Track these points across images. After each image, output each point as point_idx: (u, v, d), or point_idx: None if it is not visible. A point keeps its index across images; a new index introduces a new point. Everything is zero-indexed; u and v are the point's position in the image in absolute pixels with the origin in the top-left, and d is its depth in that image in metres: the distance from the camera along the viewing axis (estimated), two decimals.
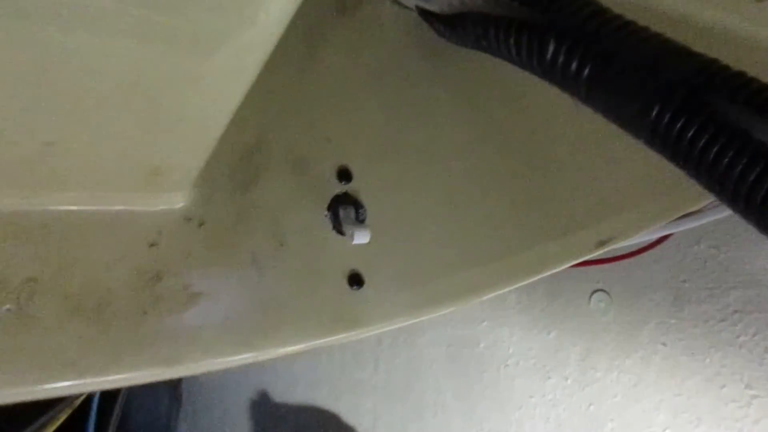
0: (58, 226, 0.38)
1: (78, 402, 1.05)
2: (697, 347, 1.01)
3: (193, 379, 2.19)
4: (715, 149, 0.32)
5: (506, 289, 0.53)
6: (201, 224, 0.43)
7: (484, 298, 0.53)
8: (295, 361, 1.86)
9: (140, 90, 0.30)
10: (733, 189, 0.31)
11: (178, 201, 0.42)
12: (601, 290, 1.13)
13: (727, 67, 0.34)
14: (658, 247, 1.01)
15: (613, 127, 0.39)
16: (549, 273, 0.54)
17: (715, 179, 0.32)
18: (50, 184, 0.36)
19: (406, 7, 0.52)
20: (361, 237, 0.45)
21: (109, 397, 1.50)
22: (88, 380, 0.38)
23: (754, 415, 0.94)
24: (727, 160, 0.31)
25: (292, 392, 1.89)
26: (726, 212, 0.80)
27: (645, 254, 1.01)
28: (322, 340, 0.46)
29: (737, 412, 0.96)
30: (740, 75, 0.33)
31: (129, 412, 2.02)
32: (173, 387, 2.18)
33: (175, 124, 0.33)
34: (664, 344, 1.05)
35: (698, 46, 0.37)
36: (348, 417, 1.70)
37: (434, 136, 0.53)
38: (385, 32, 0.53)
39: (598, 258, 0.96)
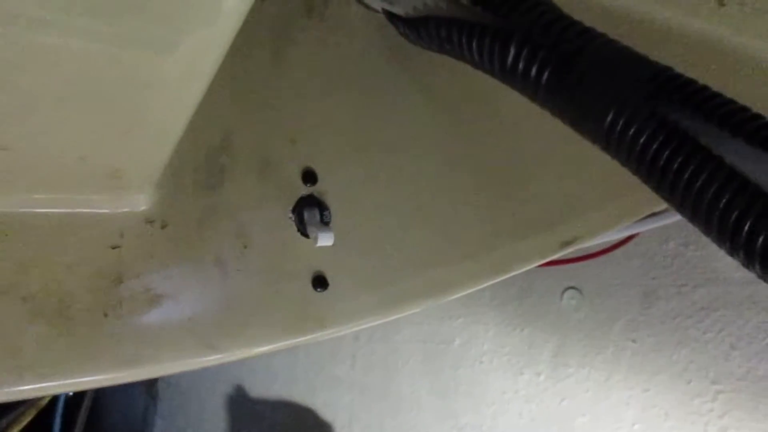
0: (17, 228, 0.38)
1: (43, 403, 1.04)
2: (666, 344, 1.03)
3: (170, 376, 2.17)
4: (664, 156, 0.32)
5: (472, 290, 0.53)
6: (164, 226, 0.43)
7: (451, 298, 0.53)
8: (272, 357, 1.85)
9: (96, 92, 0.29)
10: (681, 195, 0.32)
11: (140, 203, 0.42)
12: (573, 288, 1.15)
13: (679, 75, 0.35)
14: (629, 246, 1.03)
15: None
16: (514, 273, 0.55)
17: (665, 185, 0.33)
18: (7, 186, 0.36)
19: (373, 10, 0.52)
20: (325, 239, 0.45)
21: (76, 397, 1.48)
22: (48, 383, 0.37)
23: (719, 409, 0.96)
24: (676, 166, 0.32)
25: (269, 388, 1.89)
26: None
27: (616, 252, 1.03)
28: (287, 342, 0.46)
29: (703, 406, 0.98)
30: (691, 83, 0.34)
31: (103, 410, 2.00)
32: (149, 384, 2.16)
33: (132, 125, 0.33)
34: (633, 341, 1.06)
35: (660, 48, 0.38)
36: (325, 413, 1.70)
37: (401, 137, 0.54)
38: (352, 34, 0.53)
39: (569, 257, 0.97)
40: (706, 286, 0.99)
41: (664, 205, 0.68)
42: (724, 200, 0.29)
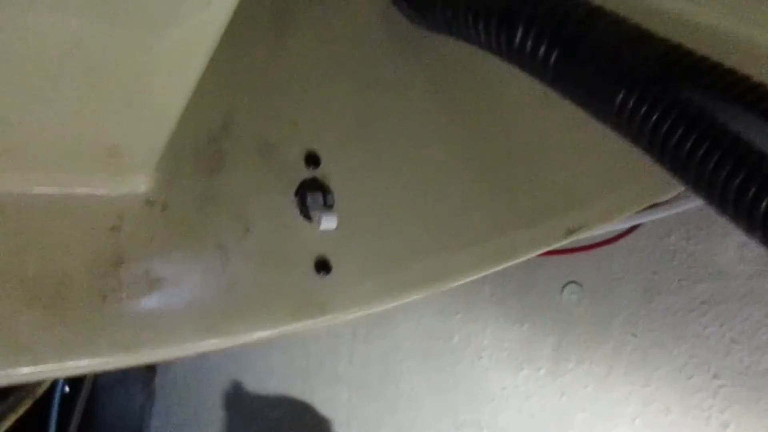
0: (14, 208, 0.37)
1: (40, 392, 1.03)
2: (666, 338, 1.02)
3: (167, 372, 2.16)
4: (678, 133, 0.32)
5: (476, 276, 0.53)
6: (164, 208, 0.42)
7: (454, 284, 0.53)
8: (270, 353, 1.85)
9: (92, 66, 0.29)
10: (696, 173, 0.31)
11: (140, 184, 0.41)
12: (574, 282, 1.14)
13: (690, 53, 0.34)
14: (630, 239, 1.03)
15: (584, 117, 0.39)
16: (519, 260, 0.54)
17: (678, 163, 0.32)
18: (3, 165, 0.35)
19: None
20: (328, 223, 0.45)
21: (72, 393, 1.47)
22: (45, 366, 0.37)
23: (720, 404, 0.96)
24: (689, 143, 0.31)
25: (267, 385, 1.88)
26: (695, 204, 0.81)
27: (616, 246, 1.03)
28: (288, 327, 0.45)
29: (704, 401, 0.98)
30: (703, 60, 0.33)
31: (100, 406, 1.99)
32: (146, 381, 2.15)
33: (129, 102, 0.32)
34: (634, 335, 1.06)
35: (681, 40, 0.37)
36: (323, 409, 1.70)
37: (405, 121, 0.53)
38: (356, 16, 0.52)
39: (570, 247, 0.96)
40: (707, 281, 0.99)
41: (667, 195, 0.68)
42: (740, 177, 0.29)
